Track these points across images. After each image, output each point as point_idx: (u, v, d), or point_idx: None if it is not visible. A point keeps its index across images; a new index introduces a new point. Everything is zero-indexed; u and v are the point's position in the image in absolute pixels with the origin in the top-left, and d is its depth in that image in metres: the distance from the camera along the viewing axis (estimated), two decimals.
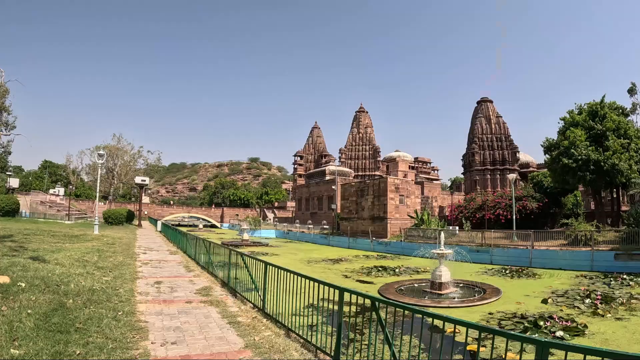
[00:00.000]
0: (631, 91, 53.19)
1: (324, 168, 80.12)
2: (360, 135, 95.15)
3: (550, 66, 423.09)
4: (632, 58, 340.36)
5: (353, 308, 7.80)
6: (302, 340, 7.70)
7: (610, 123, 33.73)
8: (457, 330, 9.53)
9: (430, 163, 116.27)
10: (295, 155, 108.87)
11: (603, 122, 34.24)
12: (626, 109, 39.39)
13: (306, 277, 7.81)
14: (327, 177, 73.70)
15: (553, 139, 36.73)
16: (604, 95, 36.76)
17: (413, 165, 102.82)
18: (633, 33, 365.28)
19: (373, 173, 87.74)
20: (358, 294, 6.43)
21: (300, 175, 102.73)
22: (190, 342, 7.19)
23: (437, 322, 5.00)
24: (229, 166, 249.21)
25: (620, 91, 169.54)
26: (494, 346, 8.95)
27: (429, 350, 5.25)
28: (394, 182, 46.99)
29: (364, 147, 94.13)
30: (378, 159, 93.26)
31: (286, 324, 8.35)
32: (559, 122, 37.86)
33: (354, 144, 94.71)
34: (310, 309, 7.91)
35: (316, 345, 7.23)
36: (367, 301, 6.30)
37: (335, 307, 6.87)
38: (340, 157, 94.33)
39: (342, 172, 74.64)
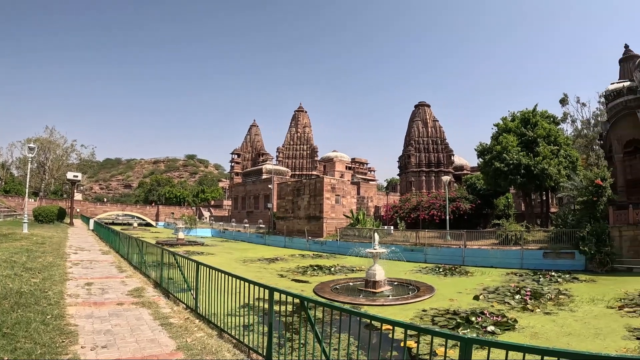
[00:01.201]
0: (563, 101, 56.29)
1: (261, 167, 78.96)
2: (299, 134, 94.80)
3: (486, 74, 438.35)
4: (564, 71, 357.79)
5: (289, 307, 7.65)
6: (234, 341, 7.60)
7: (541, 130, 35.22)
8: (391, 328, 9.35)
9: (367, 164, 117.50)
10: (232, 153, 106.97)
11: (535, 129, 35.68)
12: (557, 117, 41.18)
13: (236, 277, 7.66)
14: (264, 176, 72.70)
15: (486, 144, 37.79)
16: (536, 105, 38.47)
17: (350, 165, 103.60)
18: (566, 48, 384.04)
19: (310, 173, 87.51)
20: (287, 293, 6.40)
21: (237, 174, 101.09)
22: (121, 345, 6.92)
23: (372, 319, 5.00)
24: (165, 163, 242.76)
25: (553, 101, 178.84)
26: (428, 342, 8.92)
27: (359, 347, 5.11)
28: (330, 182, 47.11)
29: (301, 146, 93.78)
30: (315, 158, 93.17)
31: (219, 325, 8.20)
32: (492, 128, 39.18)
33: (292, 143, 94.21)
34: (245, 309, 7.69)
35: (249, 345, 7.16)
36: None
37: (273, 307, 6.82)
38: (277, 156, 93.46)
39: (279, 171, 73.98)
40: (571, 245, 25.26)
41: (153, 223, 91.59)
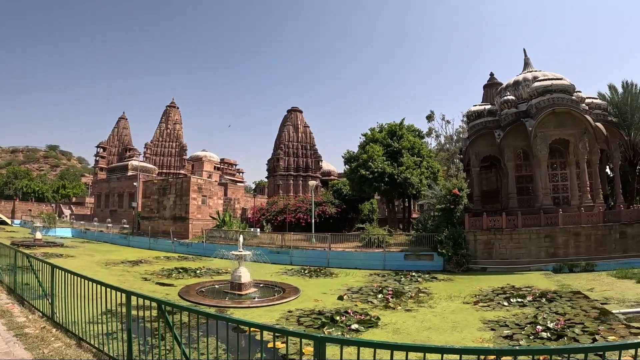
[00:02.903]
0: (429, 117, 60.45)
1: (126, 163, 74.90)
2: (168, 131, 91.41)
3: (358, 86, 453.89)
4: (433, 90, 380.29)
5: (154, 312, 7.20)
6: (95, 350, 7.30)
7: (406, 142, 37.64)
8: (257, 330, 9.21)
9: (236, 165, 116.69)
10: (98, 147, 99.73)
11: (400, 141, 37.99)
12: (422, 132, 44.08)
13: (94, 281, 7.32)
14: (130, 173, 68.88)
15: (353, 152, 39.39)
16: (404, 119, 41.20)
17: (219, 166, 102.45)
18: (436, 68, 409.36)
19: (178, 171, 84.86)
20: (145, 297, 6.28)
21: (102, 169, 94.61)
22: None
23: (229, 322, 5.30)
24: (24, 153, 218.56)
25: (420, 116, 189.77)
26: (294, 342, 8.84)
27: (226, 350, 5.09)
28: (197, 181, 46.27)
29: (171, 143, 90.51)
30: (184, 157, 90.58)
31: (78, 334, 7.78)
32: (360, 137, 41.05)
33: (160, 139, 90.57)
34: (107, 315, 7.23)
35: (109, 354, 6.91)
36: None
37: (135, 313, 6.70)
38: (145, 152, 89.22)
39: (146, 168, 70.88)
40: (430, 248, 27.13)
41: (8, 221, 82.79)
